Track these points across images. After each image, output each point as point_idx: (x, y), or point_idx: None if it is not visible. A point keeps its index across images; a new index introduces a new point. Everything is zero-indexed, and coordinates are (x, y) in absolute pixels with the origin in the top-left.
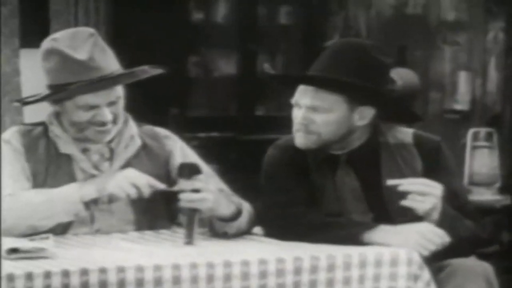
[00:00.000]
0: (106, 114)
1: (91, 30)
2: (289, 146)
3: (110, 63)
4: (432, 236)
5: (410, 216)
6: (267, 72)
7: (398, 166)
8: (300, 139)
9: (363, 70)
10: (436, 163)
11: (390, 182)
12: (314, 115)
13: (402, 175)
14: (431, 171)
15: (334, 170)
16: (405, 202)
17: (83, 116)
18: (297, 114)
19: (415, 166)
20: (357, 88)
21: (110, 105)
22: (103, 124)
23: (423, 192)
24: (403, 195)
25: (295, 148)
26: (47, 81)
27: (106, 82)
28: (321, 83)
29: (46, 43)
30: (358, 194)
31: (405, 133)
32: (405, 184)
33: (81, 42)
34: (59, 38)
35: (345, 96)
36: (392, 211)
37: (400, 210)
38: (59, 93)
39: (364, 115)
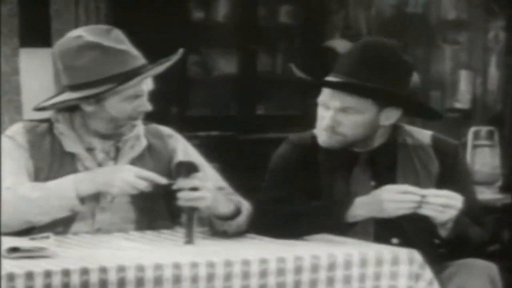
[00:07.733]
0: (147, 103)
1: (106, 26)
2: (301, 142)
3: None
4: (401, 198)
5: (417, 219)
6: (295, 73)
7: (414, 167)
8: (324, 138)
9: (391, 73)
10: (453, 167)
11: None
12: (343, 116)
13: (417, 177)
14: (447, 175)
15: (351, 167)
16: (424, 211)
17: (126, 108)
18: (325, 115)
19: (430, 168)
20: (387, 93)
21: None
22: (141, 115)
23: (446, 204)
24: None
25: (307, 145)
26: (77, 79)
27: (151, 69)
28: (351, 89)
29: (73, 41)
30: (368, 193)
31: (424, 135)
32: (430, 195)
33: (109, 35)
34: (85, 35)
35: (374, 99)
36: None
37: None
38: (104, 85)
39: (390, 116)
